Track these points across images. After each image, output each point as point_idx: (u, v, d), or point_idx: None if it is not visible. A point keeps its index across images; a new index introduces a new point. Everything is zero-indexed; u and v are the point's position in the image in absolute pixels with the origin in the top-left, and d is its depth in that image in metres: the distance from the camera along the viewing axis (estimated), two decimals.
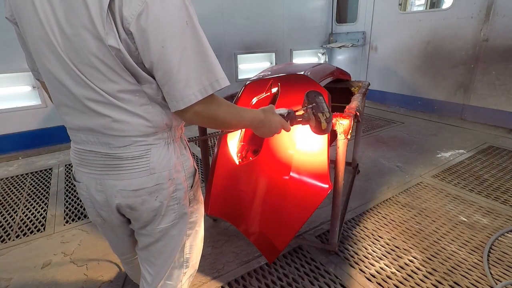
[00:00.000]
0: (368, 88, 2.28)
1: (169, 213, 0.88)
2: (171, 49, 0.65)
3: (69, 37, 0.66)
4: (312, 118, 1.04)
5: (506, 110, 3.50)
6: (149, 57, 0.66)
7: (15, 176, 2.87)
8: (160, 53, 0.65)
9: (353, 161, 2.63)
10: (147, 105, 0.76)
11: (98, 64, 0.68)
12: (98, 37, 0.64)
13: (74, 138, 0.83)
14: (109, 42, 0.64)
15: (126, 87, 0.71)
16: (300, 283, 1.53)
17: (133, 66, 0.69)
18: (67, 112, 0.78)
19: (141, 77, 0.72)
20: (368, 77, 5.05)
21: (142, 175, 0.80)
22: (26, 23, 0.70)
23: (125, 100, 0.73)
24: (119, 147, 0.77)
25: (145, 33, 0.63)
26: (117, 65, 0.68)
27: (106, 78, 0.69)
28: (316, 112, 1.03)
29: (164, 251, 0.94)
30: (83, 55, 0.67)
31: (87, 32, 0.64)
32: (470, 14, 3.59)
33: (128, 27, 0.63)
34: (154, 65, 0.67)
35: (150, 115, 0.76)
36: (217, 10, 4.14)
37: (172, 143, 0.85)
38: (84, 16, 0.63)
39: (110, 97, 0.72)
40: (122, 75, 0.70)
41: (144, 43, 0.65)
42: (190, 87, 0.68)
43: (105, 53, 0.66)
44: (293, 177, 1.38)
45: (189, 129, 4.03)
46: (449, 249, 1.73)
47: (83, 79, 0.70)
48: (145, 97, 0.75)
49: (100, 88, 0.71)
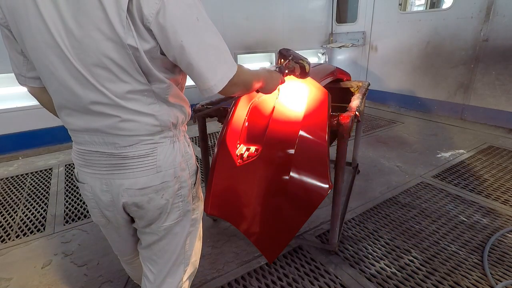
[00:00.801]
0: (368, 88, 2.28)
1: (174, 211, 0.89)
2: (189, 44, 0.69)
3: (79, 39, 0.66)
4: (296, 66, 1.28)
5: (506, 110, 3.50)
6: (172, 51, 0.70)
7: (15, 176, 2.87)
8: (180, 48, 0.69)
9: (353, 161, 2.63)
10: (154, 104, 0.78)
11: (110, 65, 0.69)
12: (113, 37, 0.66)
13: (77, 139, 0.83)
14: (128, 41, 0.66)
15: (136, 87, 0.73)
16: (300, 283, 1.53)
17: (147, 65, 0.71)
18: (70, 113, 0.78)
19: (153, 76, 0.74)
20: (368, 77, 5.05)
21: (148, 174, 0.81)
22: (25, 28, 0.69)
23: (133, 100, 0.74)
24: (125, 147, 0.78)
25: (164, 30, 0.67)
26: (131, 65, 0.69)
27: (117, 78, 0.71)
28: (297, 60, 1.27)
29: (167, 249, 0.95)
30: (94, 56, 0.68)
31: (100, 33, 0.65)
32: (470, 14, 3.59)
33: (148, 25, 0.66)
34: (177, 59, 0.71)
35: (157, 113, 0.78)
36: (217, 10, 4.15)
37: (177, 141, 0.87)
38: (98, 18, 0.64)
39: (117, 98, 0.73)
40: (134, 75, 0.71)
41: (165, 39, 0.68)
42: (211, 79, 0.73)
43: (121, 53, 0.67)
44: (293, 177, 1.37)
45: (189, 129, 4.03)
46: (449, 249, 1.73)
47: (91, 81, 0.70)
48: (152, 96, 0.77)
49: (109, 89, 0.71)
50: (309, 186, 1.36)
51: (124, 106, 0.74)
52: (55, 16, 0.66)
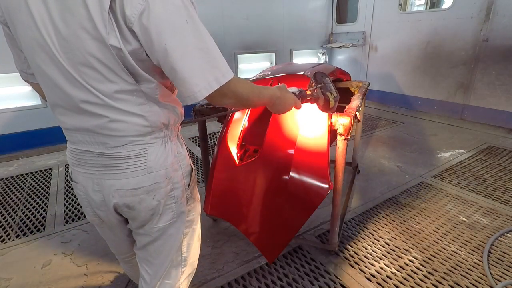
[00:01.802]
0: (368, 88, 2.28)
1: (166, 212, 0.88)
2: (173, 47, 0.65)
3: (66, 38, 0.66)
4: (321, 97, 1.12)
5: (506, 110, 3.49)
6: (155, 54, 0.67)
7: (15, 176, 2.87)
8: (163, 51, 0.65)
9: (353, 161, 2.63)
10: (144, 105, 0.76)
11: (96, 64, 0.67)
12: (97, 37, 0.64)
13: (70, 138, 0.83)
14: (111, 41, 0.64)
15: (124, 87, 0.71)
16: (300, 283, 1.53)
17: (133, 65, 0.69)
18: (63, 112, 0.78)
19: (140, 76, 0.72)
20: (368, 77, 5.05)
21: (139, 174, 0.80)
22: (19, 24, 0.69)
23: (122, 100, 0.73)
24: (115, 147, 0.77)
25: (147, 31, 0.64)
26: (116, 65, 0.68)
27: (104, 78, 0.69)
28: (324, 91, 1.12)
29: (162, 250, 0.94)
30: (80, 55, 0.67)
31: (85, 32, 0.64)
32: (470, 14, 3.59)
33: (131, 26, 0.64)
34: (161, 62, 0.68)
35: (147, 114, 0.77)
36: (217, 10, 4.14)
37: (169, 142, 0.85)
38: (82, 16, 0.63)
39: (106, 98, 0.71)
40: (121, 75, 0.70)
41: (149, 42, 0.65)
42: (195, 84, 0.68)
43: (105, 52, 0.66)
44: (293, 177, 1.37)
45: (188, 129, 4.03)
46: (449, 249, 1.73)
47: (79, 80, 0.69)
48: (143, 97, 0.75)
49: (97, 89, 0.70)
50: (309, 186, 1.36)
51: (113, 106, 0.72)
52: (44, 13, 0.65)
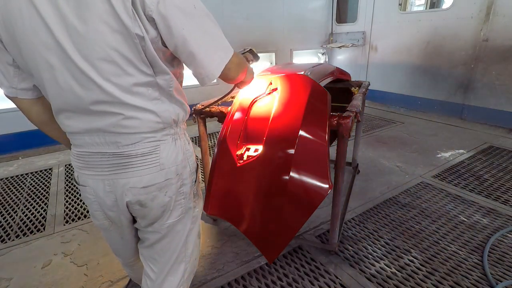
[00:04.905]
0: (368, 88, 2.28)
1: (176, 208, 0.90)
2: (190, 32, 0.71)
3: (83, 34, 0.66)
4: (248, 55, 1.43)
5: (506, 110, 3.49)
6: (173, 40, 0.71)
7: (15, 176, 2.87)
8: (182, 36, 0.70)
9: (353, 161, 2.63)
10: (157, 100, 0.78)
11: (116, 57, 0.69)
12: (118, 29, 0.66)
13: (76, 141, 0.82)
14: (136, 30, 0.67)
15: (141, 80, 0.74)
16: (300, 283, 1.53)
17: (153, 54, 0.72)
18: (70, 116, 0.78)
19: (158, 67, 0.75)
20: (368, 77, 5.05)
21: (152, 171, 0.82)
22: (20, 33, 0.68)
23: (138, 94, 0.75)
24: (127, 145, 0.78)
25: (165, 18, 0.68)
26: (137, 55, 0.70)
27: (123, 71, 0.71)
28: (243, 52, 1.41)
29: (168, 248, 0.96)
30: (100, 50, 0.68)
31: (106, 26, 0.66)
32: (470, 14, 3.59)
33: (150, 14, 0.67)
34: (179, 48, 0.73)
35: (159, 110, 0.79)
36: (217, 10, 4.15)
37: (178, 139, 0.88)
38: (102, 10, 0.64)
39: (121, 95, 0.73)
40: (140, 67, 0.72)
41: (167, 28, 0.69)
42: (211, 65, 0.77)
43: (127, 43, 0.68)
44: (293, 177, 1.37)
45: (188, 129, 4.02)
46: (449, 249, 1.73)
47: (93, 78, 0.70)
48: (156, 91, 0.78)
49: (114, 83, 0.71)
50: (309, 186, 1.36)
51: (127, 103, 0.74)
52: (56, 15, 0.65)
